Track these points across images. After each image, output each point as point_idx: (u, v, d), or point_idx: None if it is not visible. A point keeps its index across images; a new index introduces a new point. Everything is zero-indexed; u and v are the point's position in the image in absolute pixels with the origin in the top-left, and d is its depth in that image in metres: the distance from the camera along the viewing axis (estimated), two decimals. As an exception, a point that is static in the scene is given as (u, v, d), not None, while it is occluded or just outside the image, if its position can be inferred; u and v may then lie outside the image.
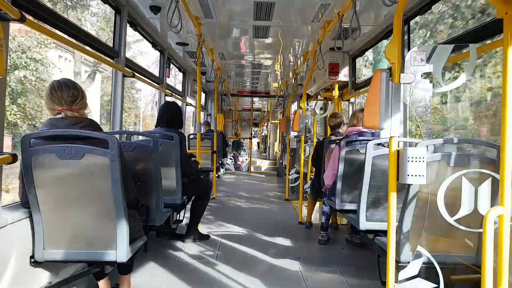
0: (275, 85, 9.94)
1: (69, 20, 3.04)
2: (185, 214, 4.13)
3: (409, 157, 1.80)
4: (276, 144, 14.47)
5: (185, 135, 3.91)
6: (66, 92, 2.13)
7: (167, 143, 3.47)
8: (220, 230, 4.62)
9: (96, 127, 2.19)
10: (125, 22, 3.78)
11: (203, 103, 10.03)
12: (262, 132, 26.73)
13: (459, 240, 2.20)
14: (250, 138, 15.21)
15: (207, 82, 8.91)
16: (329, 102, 6.64)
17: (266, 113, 18.49)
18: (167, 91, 5.49)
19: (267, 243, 4.11)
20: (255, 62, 7.12)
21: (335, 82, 5.63)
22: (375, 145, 3.03)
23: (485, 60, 5.16)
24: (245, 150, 16.06)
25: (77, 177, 2.07)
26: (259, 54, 6.40)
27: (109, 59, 3.56)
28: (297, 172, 6.31)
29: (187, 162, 3.65)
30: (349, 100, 5.71)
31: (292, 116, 6.99)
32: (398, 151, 1.85)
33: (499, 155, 1.54)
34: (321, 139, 5.42)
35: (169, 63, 5.81)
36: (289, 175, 6.94)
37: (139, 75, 4.20)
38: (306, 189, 5.52)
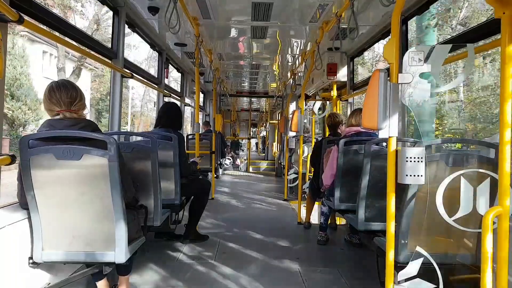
0: (274, 85, 9.94)
1: (67, 21, 3.04)
2: (184, 214, 4.13)
3: (407, 157, 1.80)
4: (274, 144, 14.46)
5: (183, 136, 3.92)
6: (64, 93, 2.12)
7: (165, 144, 3.47)
8: (218, 230, 4.61)
9: (94, 128, 2.19)
10: (123, 23, 3.77)
11: (201, 104, 10.03)
12: (260, 132, 26.73)
13: (458, 240, 2.20)
14: (248, 138, 15.22)
15: (206, 82, 8.91)
16: (328, 102, 6.64)
17: (264, 113, 18.50)
18: (166, 91, 5.49)
19: (265, 244, 4.11)
20: (254, 62, 7.12)
21: (334, 82, 5.63)
22: (374, 145, 3.03)
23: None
24: (243, 150, 16.07)
25: (76, 178, 2.06)
26: (258, 54, 6.41)
27: (108, 60, 3.56)
28: (296, 172, 6.31)
29: (185, 162, 3.66)
30: (347, 100, 5.72)
31: (290, 116, 6.98)
32: (396, 151, 1.85)
33: (498, 155, 1.54)
34: (320, 139, 5.42)
35: (167, 64, 5.81)
36: (287, 175, 6.94)
37: (137, 76, 4.19)
38: (304, 189, 5.52)
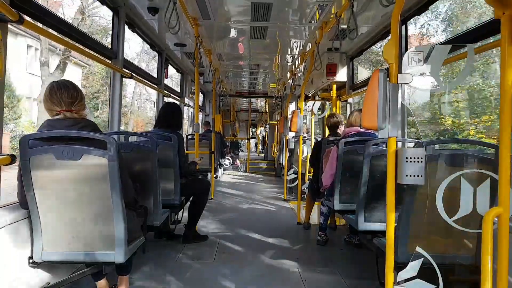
0: (273, 85, 9.94)
1: (67, 21, 3.03)
2: (183, 214, 4.13)
3: (407, 158, 1.80)
4: (274, 144, 14.46)
5: (183, 136, 3.92)
6: (65, 93, 2.12)
7: (165, 144, 3.47)
8: (218, 230, 4.61)
9: (94, 128, 2.19)
10: (123, 23, 3.77)
11: (201, 104, 10.02)
12: (260, 132, 26.72)
13: (458, 240, 2.20)
14: (248, 138, 15.22)
15: (205, 83, 8.89)
16: (327, 102, 6.64)
17: (264, 113, 18.49)
18: (165, 92, 5.49)
19: (265, 244, 4.11)
20: (253, 63, 7.11)
21: (333, 82, 5.64)
22: (373, 145, 3.03)
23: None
24: (243, 150, 16.07)
25: (76, 178, 2.06)
26: (257, 55, 6.40)
27: (107, 60, 3.56)
28: (295, 172, 6.31)
29: (185, 163, 3.66)
30: (347, 100, 5.72)
31: (290, 116, 6.98)
32: (396, 151, 1.85)
33: (498, 155, 1.54)
34: (319, 139, 5.42)
35: (167, 64, 5.81)
36: (287, 175, 6.94)
37: (137, 76, 4.19)
38: (304, 189, 5.52)
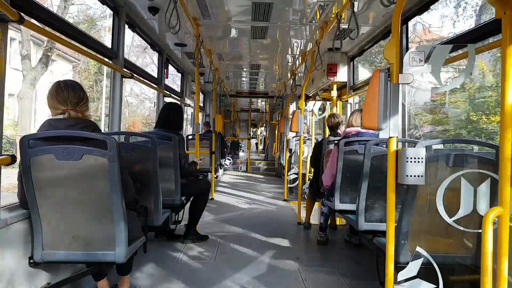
0: (274, 85, 9.93)
1: (68, 21, 3.03)
2: (184, 214, 4.13)
3: (408, 158, 1.80)
4: (274, 144, 14.45)
5: (183, 136, 3.92)
6: (72, 93, 2.14)
7: (166, 144, 3.47)
8: (218, 230, 4.61)
9: (95, 128, 2.19)
10: (123, 23, 3.77)
11: (201, 104, 10.02)
12: (260, 132, 26.72)
13: (458, 240, 2.20)
14: (248, 138, 15.21)
15: (206, 83, 8.88)
16: (328, 102, 6.64)
17: (264, 113, 18.49)
18: (166, 92, 5.49)
19: (265, 244, 4.11)
20: (254, 62, 7.11)
21: (334, 82, 5.63)
22: (374, 145, 3.03)
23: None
24: (243, 150, 16.06)
25: (76, 178, 2.06)
26: (257, 54, 6.40)
27: (108, 60, 3.56)
28: (296, 172, 6.31)
29: (185, 163, 3.66)
30: (347, 100, 5.72)
31: (290, 116, 6.98)
32: (396, 152, 1.85)
33: (498, 155, 1.54)
34: (320, 139, 5.42)
35: (167, 64, 5.81)
36: (287, 175, 6.94)
37: (137, 76, 4.19)
38: (304, 189, 5.52)
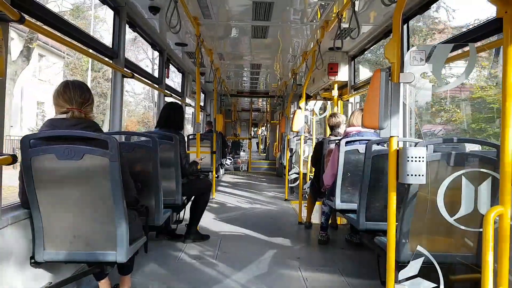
0: (274, 85, 9.93)
1: (68, 21, 3.03)
2: (185, 214, 4.13)
3: (409, 157, 1.80)
4: (275, 144, 14.45)
5: (184, 136, 3.92)
6: (79, 93, 2.16)
7: (166, 144, 3.47)
8: (219, 230, 4.62)
9: (96, 128, 2.20)
10: (124, 22, 3.77)
11: (202, 104, 10.02)
12: (261, 132, 26.72)
13: (459, 239, 2.20)
14: (249, 138, 15.21)
15: (206, 82, 8.91)
16: (329, 102, 6.64)
17: (265, 113, 18.49)
18: (166, 91, 5.49)
19: (266, 243, 4.11)
20: (254, 62, 7.10)
21: (334, 82, 5.63)
22: (375, 144, 3.03)
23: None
24: (244, 150, 16.06)
25: (77, 178, 2.07)
26: (258, 54, 6.39)
27: (108, 60, 3.56)
28: (297, 172, 6.31)
29: (186, 163, 3.66)
30: (348, 100, 5.72)
31: (291, 116, 6.98)
32: (397, 151, 1.85)
33: (499, 155, 1.54)
34: (321, 139, 5.42)
35: (168, 64, 5.81)
36: (288, 175, 6.94)
37: (138, 76, 4.19)
38: (305, 189, 5.52)
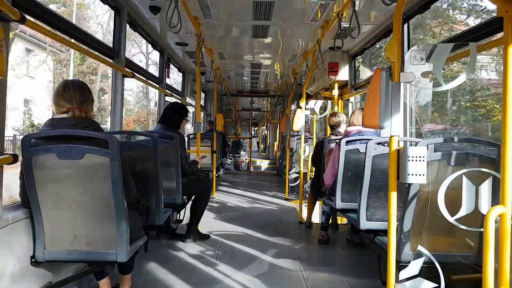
0: (275, 84, 9.93)
1: (69, 20, 3.04)
2: (185, 214, 4.13)
3: (409, 156, 1.80)
4: (275, 143, 14.44)
5: (184, 135, 3.92)
6: (78, 92, 2.16)
7: (167, 143, 3.47)
8: (220, 229, 4.62)
9: (97, 127, 2.20)
10: (124, 22, 3.77)
11: (202, 103, 10.02)
12: (262, 132, 26.71)
13: (460, 239, 2.20)
14: (249, 137, 15.20)
15: (207, 82, 8.91)
16: (329, 101, 6.63)
17: (265, 112, 18.49)
18: (167, 91, 5.49)
19: (267, 243, 4.11)
20: (255, 62, 7.11)
21: (335, 81, 5.63)
22: (375, 144, 3.03)
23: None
24: (244, 150, 16.05)
25: (78, 177, 2.07)
26: (259, 53, 6.40)
27: (109, 60, 3.56)
28: (297, 171, 6.31)
29: (186, 162, 3.66)
30: (348, 99, 5.72)
31: (291, 115, 6.97)
32: (398, 150, 1.85)
33: (500, 154, 1.54)
34: (321, 138, 5.42)
35: (168, 63, 5.81)
36: (288, 174, 6.94)
37: (138, 75, 4.19)
38: (306, 188, 5.52)
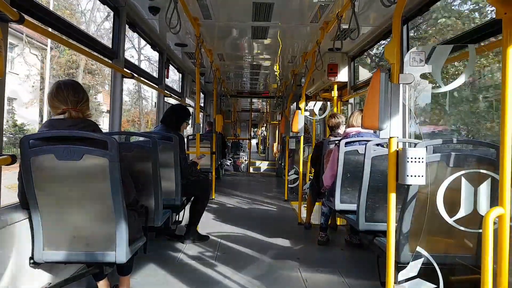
0: (274, 86, 9.94)
1: (68, 21, 3.03)
2: (185, 215, 4.13)
3: (408, 158, 1.80)
4: (275, 145, 14.44)
5: (183, 136, 3.92)
6: (72, 92, 2.15)
7: (166, 144, 3.47)
8: (219, 231, 4.61)
9: (95, 128, 2.19)
10: (124, 23, 3.77)
11: (202, 104, 10.02)
12: (261, 133, 26.71)
13: (459, 240, 2.20)
14: (249, 139, 15.20)
15: (206, 83, 8.90)
16: (328, 102, 6.63)
17: (265, 114, 18.49)
18: (166, 92, 5.49)
19: (266, 244, 4.11)
20: (254, 63, 7.11)
21: (334, 82, 5.63)
22: (374, 145, 3.03)
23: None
24: (244, 151, 16.06)
25: (76, 178, 2.06)
26: (258, 55, 6.40)
27: (108, 60, 3.56)
28: (296, 172, 6.30)
29: (185, 164, 3.66)
30: (348, 100, 5.72)
31: (291, 116, 6.97)
32: (397, 152, 1.85)
33: (499, 155, 1.54)
34: (320, 140, 5.42)
35: (168, 64, 5.81)
36: (288, 176, 6.94)
37: (138, 76, 4.19)
38: (305, 189, 5.52)
